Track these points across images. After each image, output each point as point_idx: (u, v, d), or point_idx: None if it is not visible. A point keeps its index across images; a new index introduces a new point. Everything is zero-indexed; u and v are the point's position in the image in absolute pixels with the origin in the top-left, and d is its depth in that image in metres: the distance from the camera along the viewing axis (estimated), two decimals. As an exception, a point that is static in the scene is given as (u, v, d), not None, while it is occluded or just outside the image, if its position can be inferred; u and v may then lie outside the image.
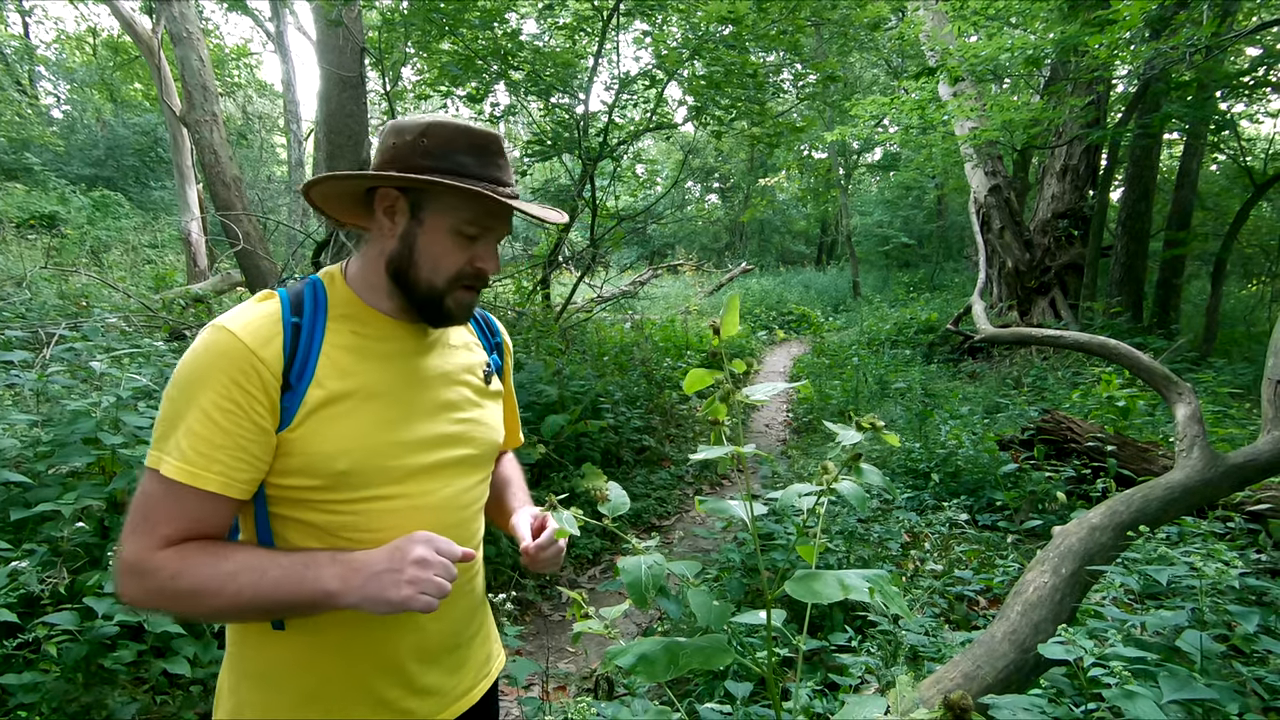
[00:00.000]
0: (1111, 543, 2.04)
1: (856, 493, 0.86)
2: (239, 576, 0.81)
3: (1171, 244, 8.48)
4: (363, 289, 0.97)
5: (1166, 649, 1.57)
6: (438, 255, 0.94)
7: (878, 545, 3.08)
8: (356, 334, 0.94)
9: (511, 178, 0.97)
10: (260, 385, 0.85)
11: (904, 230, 19.06)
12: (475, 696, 1.06)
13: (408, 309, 0.97)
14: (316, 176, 0.94)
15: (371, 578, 0.82)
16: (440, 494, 0.97)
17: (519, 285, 7.14)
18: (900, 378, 7.12)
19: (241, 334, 0.86)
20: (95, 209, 13.79)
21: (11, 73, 17.26)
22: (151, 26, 8.89)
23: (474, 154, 0.92)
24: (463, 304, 0.97)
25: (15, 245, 8.91)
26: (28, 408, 2.62)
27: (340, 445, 0.88)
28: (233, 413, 0.84)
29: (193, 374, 0.85)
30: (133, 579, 0.82)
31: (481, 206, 0.93)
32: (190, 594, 0.81)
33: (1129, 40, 6.33)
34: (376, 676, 0.94)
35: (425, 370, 0.99)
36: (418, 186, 0.92)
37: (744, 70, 5.88)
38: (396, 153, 0.92)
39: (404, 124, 0.94)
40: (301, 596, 0.82)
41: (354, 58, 5.22)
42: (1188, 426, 2.61)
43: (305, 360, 0.89)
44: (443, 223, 0.93)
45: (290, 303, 0.92)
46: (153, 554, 0.82)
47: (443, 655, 1.01)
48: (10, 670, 1.77)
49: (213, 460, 0.83)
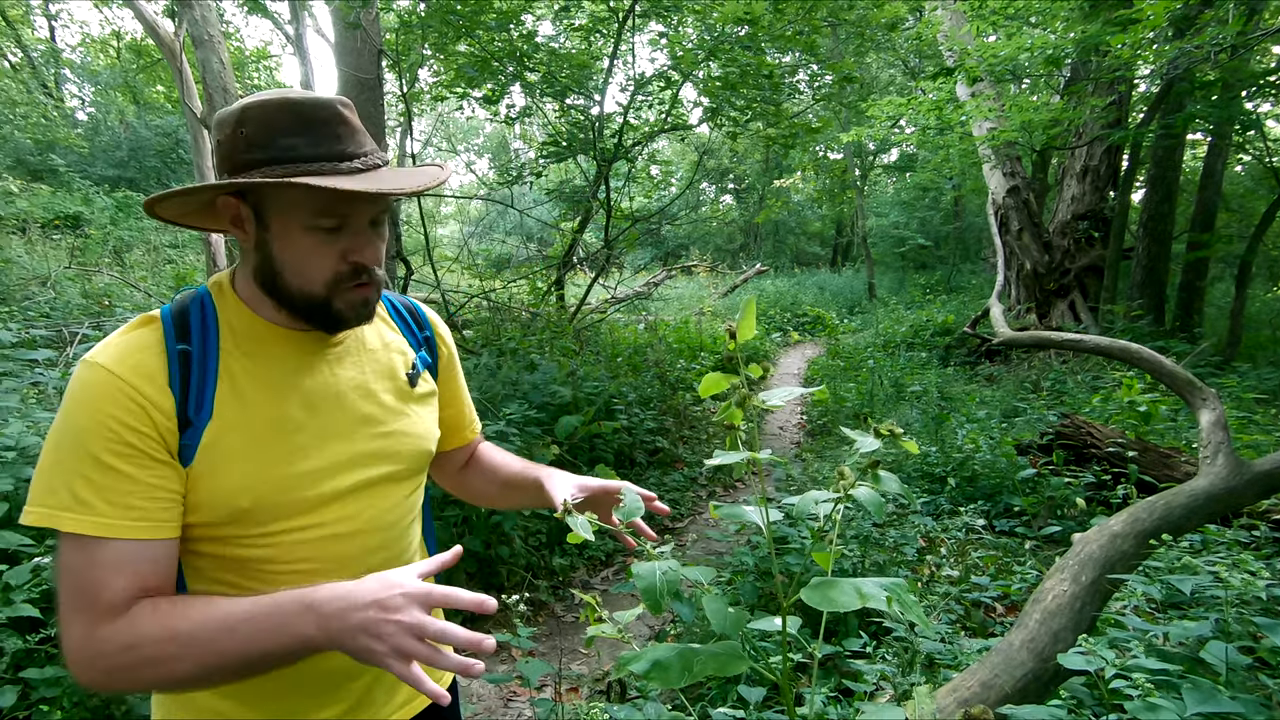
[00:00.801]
0: (1133, 550, 2.00)
1: (873, 499, 0.85)
2: (199, 636, 0.70)
3: (1195, 246, 8.33)
4: (251, 300, 0.86)
5: (1190, 660, 1.54)
6: (300, 260, 0.81)
7: (893, 550, 3.05)
8: (252, 354, 0.84)
9: (363, 144, 0.82)
10: (152, 425, 0.75)
11: (920, 232, 18.90)
12: (421, 703, 1.01)
13: (297, 319, 0.86)
14: (150, 198, 0.81)
15: (354, 611, 0.69)
16: (361, 518, 0.88)
17: (533, 286, 7.16)
18: (916, 381, 7.05)
19: (119, 370, 0.75)
20: (118, 209, 14.01)
21: (38, 76, 17.61)
22: (174, 30, 9.02)
23: (302, 131, 0.78)
24: (355, 303, 0.85)
25: (41, 245, 9.07)
26: (51, 405, 2.66)
27: (242, 481, 0.79)
28: (131, 456, 0.74)
29: (75, 421, 0.74)
30: (85, 662, 0.71)
31: (327, 193, 0.77)
32: (145, 664, 0.70)
33: (1152, 39, 6.24)
34: (310, 698, 0.88)
35: (335, 384, 0.88)
36: (244, 190, 0.80)
37: (759, 71, 5.86)
38: (222, 152, 0.80)
39: (223, 115, 0.80)
40: (276, 649, 0.70)
41: (371, 60, 5.27)
42: (1212, 432, 2.56)
43: (200, 392, 0.78)
44: (292, 222, 0.80)
45: (175, 326, 0.81)
46: (99, 629, 0.71)
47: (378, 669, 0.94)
48: (33, 664, 1.80)
49: (128, 507, 0.73)
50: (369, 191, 0.77)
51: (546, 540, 3.68)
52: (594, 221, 6.97)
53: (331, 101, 0.81)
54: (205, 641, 0.70)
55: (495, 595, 3.11)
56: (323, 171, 0.78)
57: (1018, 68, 7.62)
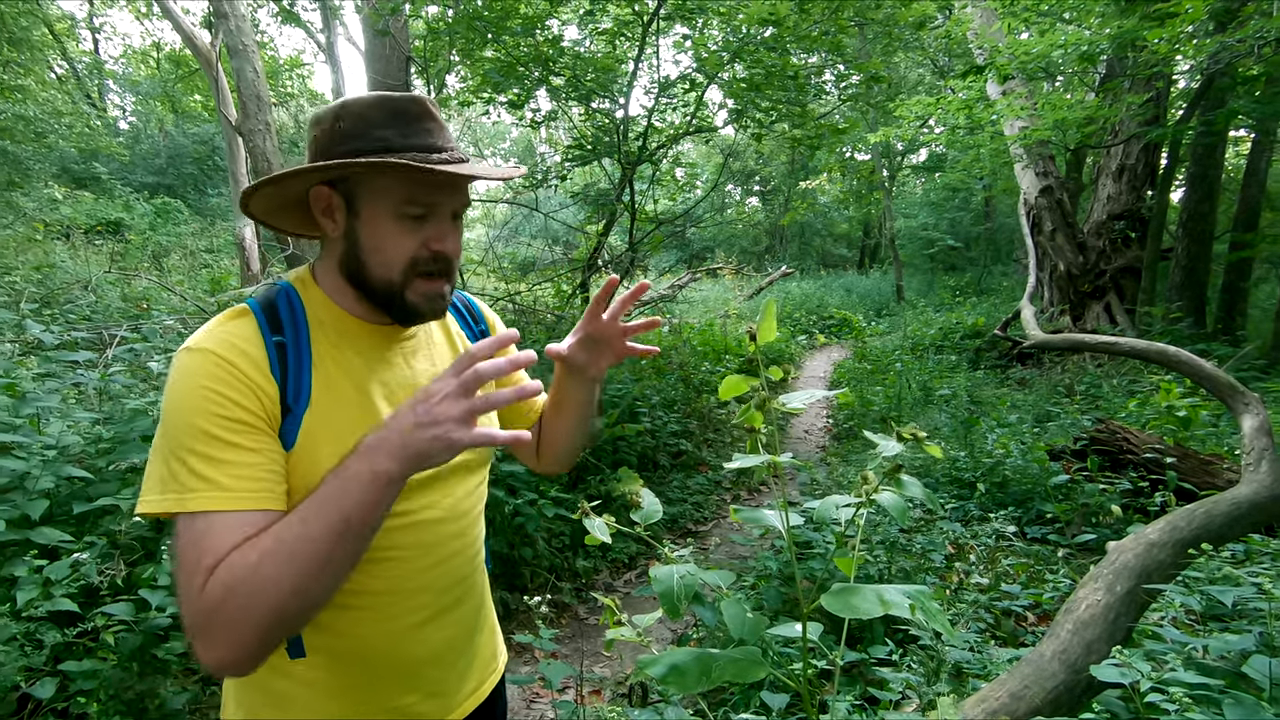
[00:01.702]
0: (1171, 560, 1.94)
1: (897, 504, 0.84)
2: (284, 538, 0.70)
3: (1237, 246, 8.06)
4: (334, 293, 0.90)
5: (1231, 675, 1.48)
6: (384, 245, 0.85)
7: (920, 557, 2.99)
8: (338, 345, 0.88)
9: (448, 140, 0.87)
10: (261, 406, 0.78)
11: (950, 233, 18.59)
12: (483, 694, 1.06)
13: (377, 311, 0.90)
14: (244, 190, 0.85)
15: (406, 428, 0.71)
16: (442, 505, 0.93)
17: (558, 288, 7.19)
18: (945, 384, 6.93)
19: (227, 355, 0.78)
20: (157, 215, 14.44)
21: (83, 87, 18.21)
22: (210, 40, 9.27)
23: (394, 124, 0.83)
24: (427, 295, 0.88)
25: (83, 250, 9.37)
26: (91, 406, 2.74)
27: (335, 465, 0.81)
28: (247, 431, 0.77)
29: (186, 403, 0.76)
30: (203, 634, 0.70)
31: (416, 181, 0.83)
32: (256, 595, 0.69)
33: (1190, 34, 6.06)
34: (393, 684, 0.92)
35: (411, 375, 0.93)
36: (344, 176, 0.85)
37: (785, 72, 5.82)
38: (318, 145, 0.85)
39: (321, 112, 0.87)
40: (365, 501, 0.71)
41: (400, 66, 5.35)
42: (1255, 439, 2.48)
43: (298, 380, 0.82)
44: (381, 208, 0.84)
45: (267, 320, 0.84)
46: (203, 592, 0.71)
47: (454, 656, 1.00)
48: (71, 657, 1.85)
49: (253, 479, 0.75)
50: (459, 174, 0.81)
51: (570, 542, 3.69)
52: (619, 224, 6.98)
53: (421, 99, 0.86)
54: (290, 541, 0.70)
55: (518, 598, 3.13)
56: (414, 161, 0.81)
57: (1051, 65, 7.44)
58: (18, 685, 1.72)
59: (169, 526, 2.29)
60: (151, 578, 1.98)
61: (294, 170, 0.83)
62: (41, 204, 11.88)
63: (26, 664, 1.74)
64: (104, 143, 14.76)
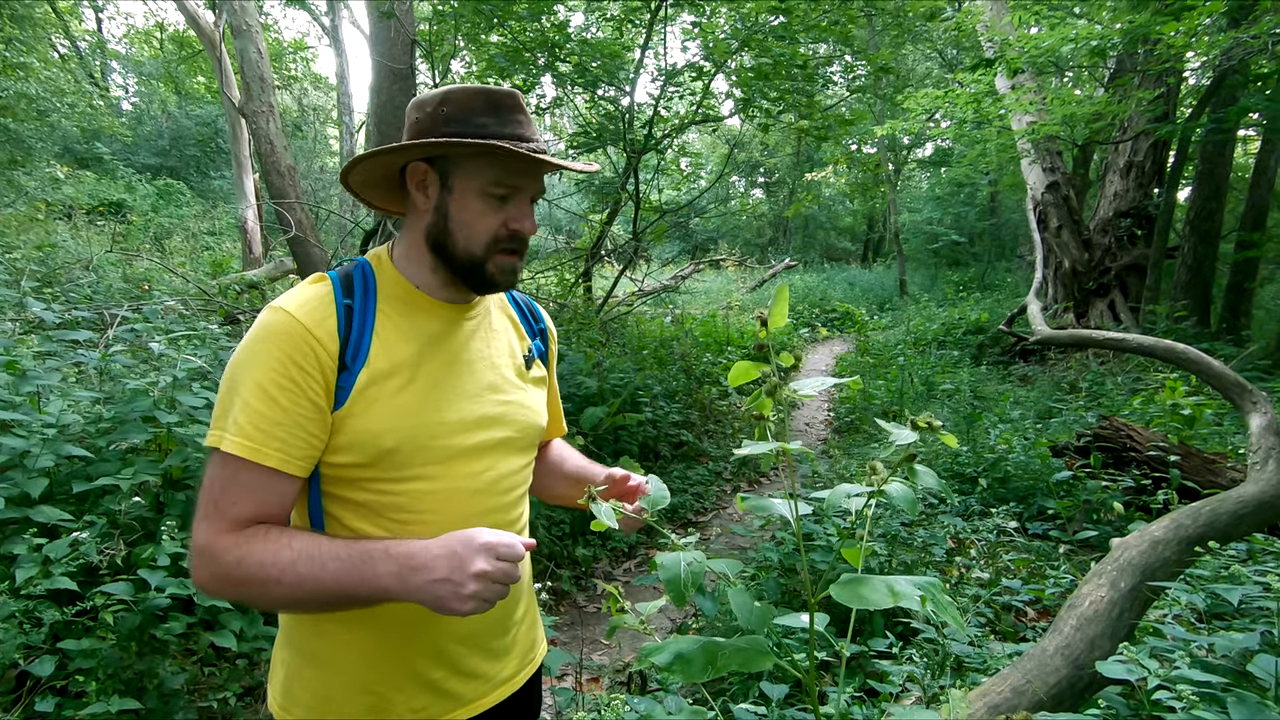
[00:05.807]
0: (1175, 557, 1.93)
1: (906, 495, 0.82)
2: (298, 566, 0.82)
3: (1244, 245, 8.01)
4: (408, 270, 0.99)
5: (1235, 673, 1.47)
6: (471, 220, 0.95)
7: (921, 550, 2.99)
8: (403, 315, 0.96)
9: (535, 133, 0.97)
10: (317, 364, 0.87)
11: (954, 227, 18.50)
12: (519, 682, 1.08)
13: (453, 282, 0.99)
14: (351, 160, 0.95)
15: (429, 584, 0.81)
16: (483, 477, 0.99)
17: (561, 278, 7.17)
18: (948, 379, 6.92)
19: (298, 314, 0.88)
20: (159, 197, 14.38)
21: (85, 66, 18.10)
22: (214, 20, 9.19)
23: (493, 113, 0.93)
24: (504, 268, 0.98)
25: (85, 231, 9.34)
26: (91, 385, 2.73)
27: (387, 423, 0.90)
28: (290, 390, 0.86)
29: (251, 354, 0.87)
30: (203, 563, 0.84)
31: (506, 165, 0.93)
32: (250, 582, 0.83)
33: (1204, 29, 5.99)
34: (421, 657, 0.96)
35: (469, 352, 1.01)
36: (443, 154, 0.94)
37: (793, 62, 5.77)
38: (420, 127, 0.94)
39: (424, 97, 0.96)
40: (359, 592, 0.83)
41: (405, 50, 5.30)
42: (1262, 438, 2.46)
43: (359, 342, 0.91)
44: (472, 186, 0.94)
45: (341, 285, 0.94)
46: (220, 538, 0.84)
47: (488, 640, 1.02)
48: (70, 636, 1.85)
49: (271, 436, 0.85)
50: (549, 161, 0.93)
51: (570, 530, 3.69)
52: (623, 214, 6.94)
53: (514, 93, 0.96)
54: (302, 572, 0.82)
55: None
56: (504, 145, 0.91)
57: (1061, 59, 7.37)
58: (16, 663, 1.72)
59: (169, 507, 2.29)
60: (151, 558, 1.97)
61: (403, 144, 0.92)
62: (43, 183, 11.81)
63: (25, 642, 1.74)
64: (106, 123, 14.68)
